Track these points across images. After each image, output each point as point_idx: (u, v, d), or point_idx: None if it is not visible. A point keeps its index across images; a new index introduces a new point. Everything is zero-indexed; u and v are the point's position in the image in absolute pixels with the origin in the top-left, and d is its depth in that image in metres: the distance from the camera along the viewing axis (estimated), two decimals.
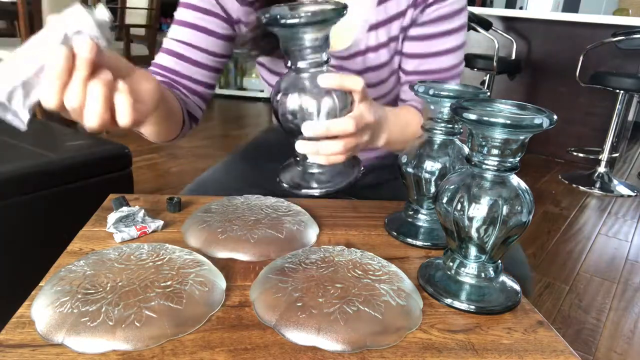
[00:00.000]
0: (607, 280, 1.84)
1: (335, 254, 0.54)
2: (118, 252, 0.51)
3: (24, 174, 1.05)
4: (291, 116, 0.51)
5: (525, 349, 0.44)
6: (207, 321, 0.45)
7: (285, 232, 0.59)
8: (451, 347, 0.44)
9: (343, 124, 0.51)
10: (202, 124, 0.78)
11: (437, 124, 0.61)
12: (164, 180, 2.49)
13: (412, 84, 0.60)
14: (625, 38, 2.76)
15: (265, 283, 0.49)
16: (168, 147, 3.02)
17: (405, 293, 0.48)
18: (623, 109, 2.94)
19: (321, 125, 0.50)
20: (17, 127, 0.44)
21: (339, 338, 0.42)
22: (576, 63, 2.91)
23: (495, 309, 0.50)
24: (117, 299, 0.43)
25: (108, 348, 0.40)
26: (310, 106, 0.50)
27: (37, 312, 0.43)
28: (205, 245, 0.57)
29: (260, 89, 4.76)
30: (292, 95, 0.51)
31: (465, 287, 0.51)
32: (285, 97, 0.51)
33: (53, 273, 0.49)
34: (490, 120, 0.42)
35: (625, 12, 3.90)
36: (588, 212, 2.53)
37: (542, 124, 0.42)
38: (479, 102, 0.49)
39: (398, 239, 0.64)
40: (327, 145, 0.51)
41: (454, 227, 0.49)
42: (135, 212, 0.61)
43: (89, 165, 1.18)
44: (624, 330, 1.53)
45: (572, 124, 3.32)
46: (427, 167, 0.61)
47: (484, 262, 0.51)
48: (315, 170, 0.56)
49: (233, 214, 0.63)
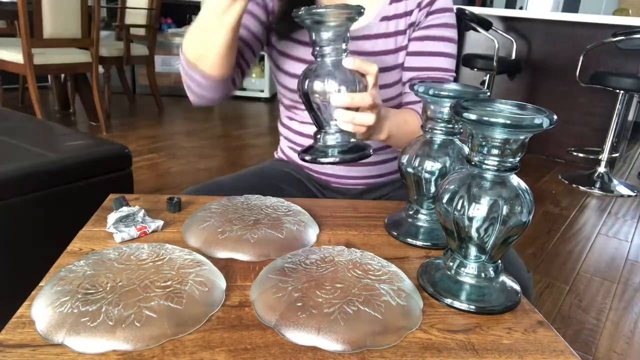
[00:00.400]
0: (607, 280, 1.84)
1: (335, 254, 0.54)
2: (118, 252, 0.51)
3: (24, 174, 1.05)
4: (319, 95, 0.63)
5: (525, 349, 0.44)
6: (207, 321, 0.45)
7: (285, 232, 0.59)
8: (451, 347, 0.44)
9: (362, 97, 0.62)
10: (202, 123, 0.79)
11: (437, 124, 0.61)
12: (164, 180, 2.49)
13: (412, 84, 0.61)
14: (625, 38, 2.76)
15: (265, 283, 0.49)
16: (168, 147, 3.02)
17: (405, 293, 0.48)
18: (623, 109, 2.94)
19: (346, 97, 0.62)
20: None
21: (339, 338, 0.42)
22: (576, 63, 2.91)
23: (496, 309, 0.50)
24: (117, 299, 0.43)
25: (108, 348, 0.40)
26: (334, 85, 0.63)
27: (37, 312, 0.43)
28: (205, 246, 0.57)
29: (260, 89, 4.76)
30: (320, 77, 0.63)
31: (466, 287, 0.51)
32: (315, 79, 0.63)
33: (53, 273, 0.49)
34: (490, 120, 0.42)
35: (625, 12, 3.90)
36: (588, 212, 2.53)
37: (542, 124, 0.42)
38: (479, 102, 0.49)
39: (398, 239, 0.64)
40: (359, 115, 0.63)
41: (454, 227, 0.49)
42: (135, 212, 0.61)
43: (89, 165, 1.18)
44: (624, 330, 1.53)
45: (572, 124, 3.32)
46: (427, 167, 0.61)
47: (484, 262, 0.51)
48: (334, 142, 0.66)
49: (233, 214, 0.63)
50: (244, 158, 2.96)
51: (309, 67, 0.65)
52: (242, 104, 4.62)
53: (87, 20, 2.83)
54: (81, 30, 2.81)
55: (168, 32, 4.65)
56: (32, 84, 2.68)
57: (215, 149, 3.08)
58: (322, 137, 0.67)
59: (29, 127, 1.41)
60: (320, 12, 0.59)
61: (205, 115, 4.05)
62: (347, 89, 0.63)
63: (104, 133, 3.13)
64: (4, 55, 2.73)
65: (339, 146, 0.66)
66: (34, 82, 2.68)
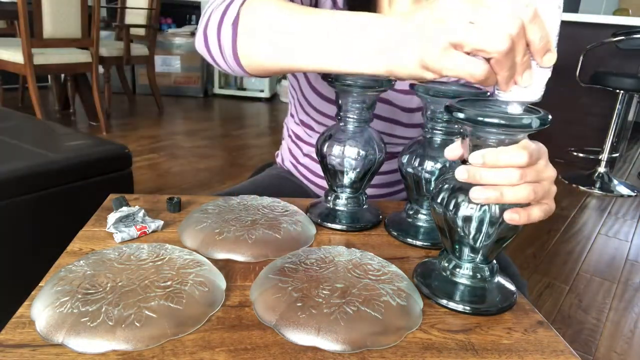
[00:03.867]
0: (607, 280, 1.84)
1: (335, 254, 0.54)
2: (118, 252, 0.51)
3: (24, 174, 1.05)
4: (336, 158, 0.65)
5: (525, 349, 0.44)
6: (207, 321, 0.45)
7: (282, 232, 0.59)
8: (451, 347, 0.44)
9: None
10: (202, 123, 0.78)
11: (437, 124, 0.61)
12: (164, 180, 2.49)
13: (411, 84, 0.60)
14: (625, 38, 2.77)
15: (265, 283, 0.49)
16: (168, 147, 3.02)
17: (405, 293, 0.48)
18: (623, 109, 2.94)
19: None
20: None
21: (339, 338, 0.42)
22: (576, 63, 2.91)
23: (491, 309, 0.49)
24: (117, 299, 0.43)
25: (108, 348, 0.40)
26: (352, 153, 0.64)
27: (37, 312, 0.43)
28: (203, 247, 0.57)
29: (260, 89, 4.76)
30: (340, 142, 0.64)
31: (461, 288, 0.51)
32: (335, 143, 0.64)
33: (53, 273, 0.49)
34: (479, 119, 0.42)
35: (625, 12, 3.91)
36: (588, 212, 2.53)
37: (532, 123, 0.41)
38: (475, 102, 0.49)
39: (398, 239, 0.64)
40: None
41: (447, 227, 0.49)
42: (135, 212, 0.61)
43: (89, 165, 1.18)
44: (624, 330, 1.53)
45: (572, 124, 3.32)
46: (427, 167, 0.61)
47: (478, 263, 0.51)
48: (341, 208, 0.68)
49: (230, 215, 0.63)
50: (244, 158, 2.96)
51: (330, 129, 0.66)
52: (242, 104, 4.62)
53: (87, 20, 2.83)
54: (81, 30, 2.81)
55: (168, 32, 4.65)
56: (32, 84, 2.68)
57: (215, 149, 3.08)
58: (332, 200, 0.68)
59: (29, 127, 1.41)
60: (350, 84, 0.59)
61: (205, 115, 4.05)
62: (367, 155, 0.63)
63: (104, 133, 3.13)
64: (4, 55, 2.73)
65: (348, 212, 0.67)
66: (34, 82, 2.68)
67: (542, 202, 0.45)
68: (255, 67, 0.53)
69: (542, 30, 0.39)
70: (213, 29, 0.54)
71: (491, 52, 0.38)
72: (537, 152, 0.44)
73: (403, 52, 0.42)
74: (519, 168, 0.42)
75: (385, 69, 0.44)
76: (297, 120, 0.90)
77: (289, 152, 0.94)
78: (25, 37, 2.54)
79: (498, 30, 0.37)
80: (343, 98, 0.63)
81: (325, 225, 0.66)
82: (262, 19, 0.50)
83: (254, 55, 0.52)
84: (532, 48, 0.39)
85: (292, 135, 0.93)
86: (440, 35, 0.39)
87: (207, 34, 0.54)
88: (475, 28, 0.38)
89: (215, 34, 0.53)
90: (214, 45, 0.54)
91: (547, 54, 0.40)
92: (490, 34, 0.37)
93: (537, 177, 0.44)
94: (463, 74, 0.40)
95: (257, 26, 0.51)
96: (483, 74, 0.39)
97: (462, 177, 0.44)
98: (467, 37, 0.38)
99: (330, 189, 0.69)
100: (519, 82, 0.41)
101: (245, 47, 0.52)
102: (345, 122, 0.64)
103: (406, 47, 0.42)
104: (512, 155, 0.42)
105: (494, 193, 0.42)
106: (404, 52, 0.42)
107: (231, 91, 4.84)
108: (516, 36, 0.37)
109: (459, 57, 0.39)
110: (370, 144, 0.64)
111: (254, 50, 0.52)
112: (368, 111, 0.64)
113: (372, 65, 0.45)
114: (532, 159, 0.42)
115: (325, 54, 0.47)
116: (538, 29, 0.38)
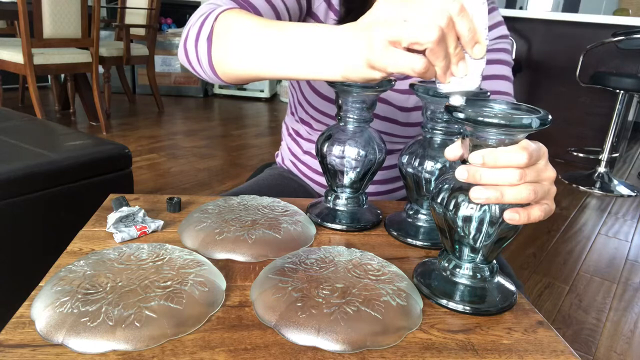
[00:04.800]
0: (607, 280, 1.84)
1: (335, 254, 0.54)
2: (118, 252, 0.51)
3: (24, 174, 1.05)
4: (336, 158, 0.65)
5: (525, 349, 0.44)
6: (207, 321, 0.45)
7: (282, 232, 0.59)
8: (451, 347, 0.44)
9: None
10: (202, 123, 0.78)
11: (437, 124, 0.61)
12: (164, 180, 2.49)
13: (411, 84, 0.61)
14: (625, 38, 2.76)
15: (265, 283, 0.49)
16: (168, 147, 3.02)
17: (405, 293, 0.48)
18: (623, 109, 2.94)
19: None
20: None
21: (339, 338, 0.42)
22: (576, 63, 2.92)
23: (491, 309, 0.49)
24: (117, 299, 0.43)
25: (108, 348, 0.40)
26: (354, 151, 0.64)
27: (37, 312, 0.43)
28: (203, 247, 0.57)
29: (260, 89, 4.76)
30: (340, 142, 0.64)
31: (461, 288, 0.51)
32: (335, 143, 0.64)
33: (53, 273, 0.49)
34: (479, 119, 0.42)
35: (625, 12, 3.91)
36: (588, 212, 2.53)
37: (532, 124, 0.41)
38: (474, 102, 0.49)
39: (398, 239, 0.64)
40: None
41: (447, 227, 0.49)
42: (135, 212, 0.61)
43: (89, 165, 1.18)
44: (624, 330, 1.53)
45: (572, 124, 3.32)
46: (427, 167, 0.61)
47: (478, 263, 0.51)
48: (341, 208, 0.68)
49: (229, 215, 0.63)
50: (244, 158, 2.96)
51: (330, 129, 0.66)
52: (242, 104, 4.62)
53: (87, 20, 2.83)
54: (81, 30, 2.81)
55: (168, 32, 4.65)
56: (32, 84, 2.68)
57: (215, 149, 3.08)
58: (332, 200, 0.69)
59: (29, 127, 1.41)
60: (350, 84, 0.59)
61: (205, 115, 4.05)
62: (367, 155, 0.64)
63: (104, 133, 3.13)
64: (4, 55, 2.73)
65: (348, 212, 0.68)
66: (34, 82, 2.68)
67: (542, 202, 0.46)
68: (230, 76, 0.59)
69: (469, 23, 0.42)
70: (192, 43, 0.60)
71: (424, 42, 0.41)
72: (537, 152, 0.44)
73: (352, 56, 0.46)
74: (519, 168, 0.43)
75: (340, 74, 0.48)
76: (297, 119, 0.90)
77: (289, 150, 0.95)
78: (25, 37, 2.54)
79: (428, 22, 0.41)
80: (343, 98, 0.63)
81: (325, 225, 0.66)
82: (232, 35, 0.56)
83: (227, 65, 0.58)
84: (462, 40, 0.43)
85: (292, 133, 0.94)
86: (380, 35, 0.42)
87: (186, 47, 0.61)
88: (409, 24, 0.41)
89: (194, 47, 0.60)
90: (193, 57, 0.61)
91: (476, 45, 0.43)
92: (422, 27, 0.41)
93: (537, 177, 0.44)
94: (405, 69, 0.42)
95: (228, 40, 0.57)
96: (422, 66, 0.42)
97: (462, 177, 0.45)
98: (402, 33, 0.41)
99: (330, 189, 0.69)
100: (455, 73, 0.44)
101: (218, 58, 0.58)
102: (345, 122, 0.64)
103: (354, 51, 0.45)
104: (512, 155, 0.43)
105: (494, 193, 0.43)
106: (352, 55, 0.46)
107: (231, 91, 4.85)
108: (446, 27, 0.41)
109: (399, 53, 0.42)
110: (370, 144, 0.64)
111: (226, 62, 0.58)
112: (368, 111, 0.64)
113: (330, 72, 0.48)
114: (532, 159, 0.43)
115: (289, 64, 0.52)
116: (466, 22, 0.42)
